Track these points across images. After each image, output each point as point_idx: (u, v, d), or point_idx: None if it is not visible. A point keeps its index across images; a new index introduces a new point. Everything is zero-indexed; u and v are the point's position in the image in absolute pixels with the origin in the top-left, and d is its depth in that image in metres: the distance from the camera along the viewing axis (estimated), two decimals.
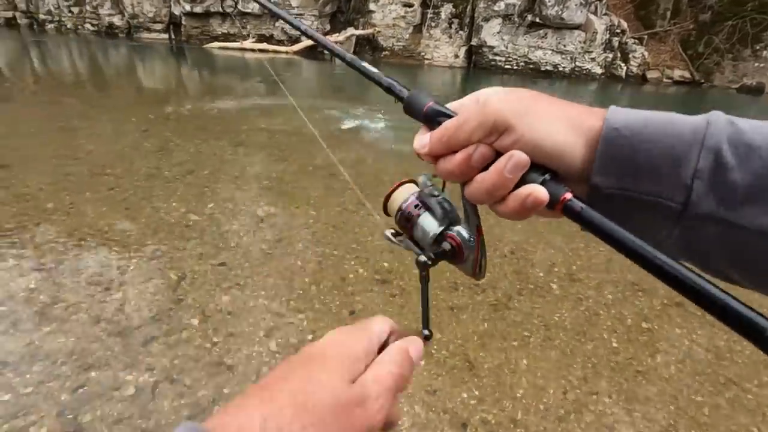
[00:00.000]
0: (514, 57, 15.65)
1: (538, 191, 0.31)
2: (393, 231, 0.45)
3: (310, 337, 1.98)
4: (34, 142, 4.41)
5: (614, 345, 2.08)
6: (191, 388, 1.66)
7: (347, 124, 6.08)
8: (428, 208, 0.42)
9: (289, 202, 3.36)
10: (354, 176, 4.02)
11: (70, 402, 1.54)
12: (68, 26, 21.60)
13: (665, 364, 1.99)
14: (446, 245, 0.41)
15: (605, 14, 14.54)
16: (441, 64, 16.96)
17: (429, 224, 0.41)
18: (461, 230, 0.41)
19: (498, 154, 0.33)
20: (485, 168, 0.33)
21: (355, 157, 4.59)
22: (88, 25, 21.26)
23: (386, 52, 17.99)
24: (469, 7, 15.99)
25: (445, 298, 2.33)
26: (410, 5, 16.76)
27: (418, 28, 17.28)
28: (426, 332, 0.41)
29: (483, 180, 0.33)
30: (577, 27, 14.38)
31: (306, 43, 18.22)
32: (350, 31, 17.94)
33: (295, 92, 9.05)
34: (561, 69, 15.21)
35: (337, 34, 17.97)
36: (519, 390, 1.79)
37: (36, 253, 2.41)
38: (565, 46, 14.88)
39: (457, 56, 16.77)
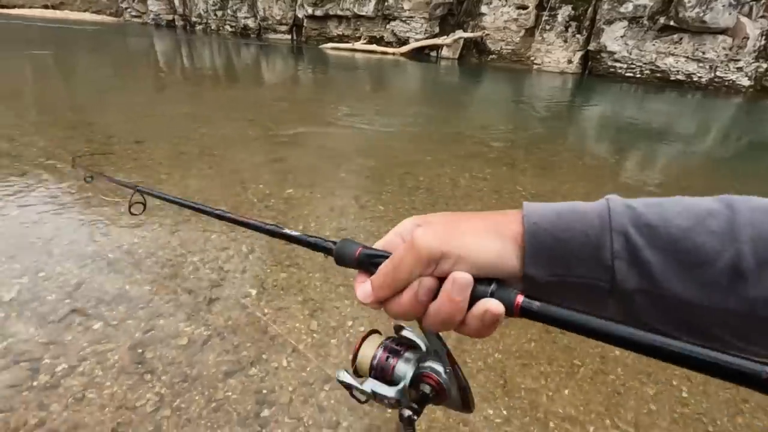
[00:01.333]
0: (639, 64, 14.10)
1: (491, 305, 0.32)
2: (346, 369, 0.42)
3: (350, 323, 2.05)
4: (164, 123, 5.20)
5: (683, 395, 1.80)
6: (237, 347, 1.84)
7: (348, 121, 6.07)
8: (399, 355, 0.40)
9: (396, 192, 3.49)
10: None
11: (140, 339, 1.82)
12: (212, 27, 24.82)
13: (746, 427, 1.66)
14: (425, 387, 0.38)
15: (762, 17, 12.32)
16: (552, 69, 15.98)
17: (401, 369, 0.40)
18: (433, 365, 0.39)
19: (441, 280, 0.34)
20: (434, 297, 0.35)
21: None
22: (227, 27, 24.22)
23: (493, 56, 17.49)
24: (590, 9, 14.78)
25: None
26: (524, 7, 16.04)
27: (530, 31, 16.48)
28: None
29: (437, 310, 0.34)
30: (723, 31, 12.43)
31: (412, 45, 18.51)
32: (458, 33, 17.80)
33: (389, 90, 9.27)
34: (696, 79, 13.31)
35: (445, 37, 17.97)
36: (553, 420, 1.64)
37: (142, 216, 2.86)
38: (704, 53, 12.98)
39: (570, 62, 15.64)
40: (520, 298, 0.32)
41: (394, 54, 18.35)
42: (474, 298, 0.33)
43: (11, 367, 1.62)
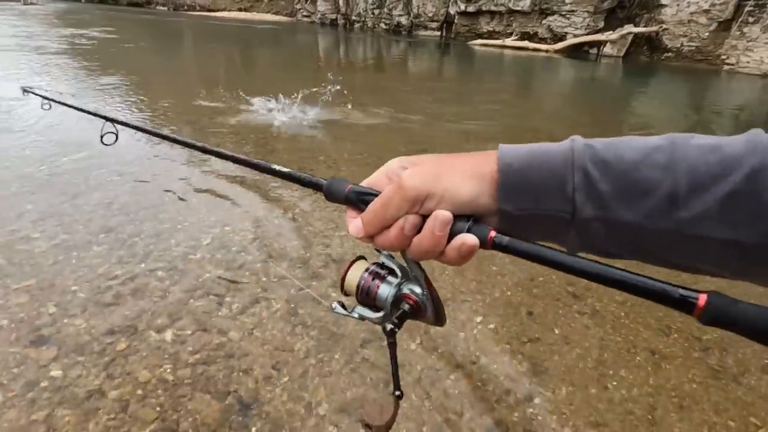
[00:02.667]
0: None
1: (467, 239, 0.37)
2: (340, 302, 0.47)
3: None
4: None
5: None
6: None
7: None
8: (382, 278, 0.45)
9: None
10: None
11: (294, 297, 2.09)
12: (369, 25, 26.52)
13: None
14: (405, 306, 0.43)
15: None
16: (751, 71, 13.15)
17: (384, 291, 0.44)
18: (413, 287, 0.44)
19: (424, 217, 0.38)
20: (418, 231, 0.39)
21: None
22: (382, 24, 25.62)
23: (669, 54, 15.10)
24: None
25: (649, 339, 1.97)
26: None
27: (724, 25, 13.76)
28: (398, 393, 0.45)
29: (420, 243, 0.38)
30: None
31: (570, 41, 17.09)
32: (627, 28, 15.80)
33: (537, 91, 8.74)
34: None
35: (611, 32, 16.14)
36: None
37: (299, 194, 3.26)
38: None
39: None
40: (492, 233, 0.37)
41: (547, 51, 17.20)
42: (453, 233, 0.38)
43: (205, 298, 2.03)
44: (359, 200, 0.42)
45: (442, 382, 1.66)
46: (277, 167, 0.51)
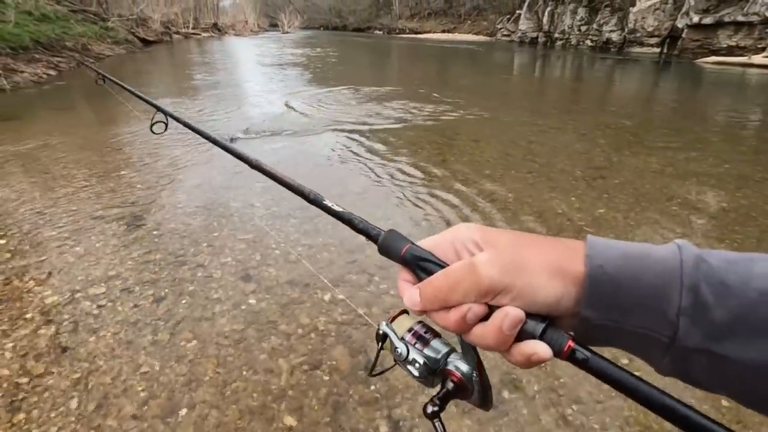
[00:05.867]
0: None
1: (539, 349, 0.33)
2: (390, 326, 0.42)
3: None
4: (496, 128, 5.84)
5: None
6: None
7: None
8: (425, 342, 0.40)
9: None
10: None
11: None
12: (572, 43, 24.91)
13: None
14: (449, 384, 0.39)
15: None
16: None
17: (431, 354, 0.39)
18: (460, 365, 0.39)
19: (491, 307, 0.34)
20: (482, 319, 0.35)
21: None
22: (588, 42, 23.73)
23: None
24: None
25: None
26: None
27: None
28: None
29: (482, 335, 0.35)
30: None
31: None
32: None
33: None
34: None
35: None
36: None
37: (452, 189, 3.43)
38: None
39: None
40: (570, 344, 0.32)
41: None
42: (523, 333, 0.33)
43: (361, 274, 2.40)
44: (417, 265, 0.38)
45: None
46: (328, 204, 0.46)
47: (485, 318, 0.34)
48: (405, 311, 0.42)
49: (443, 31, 41.59)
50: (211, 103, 7.20)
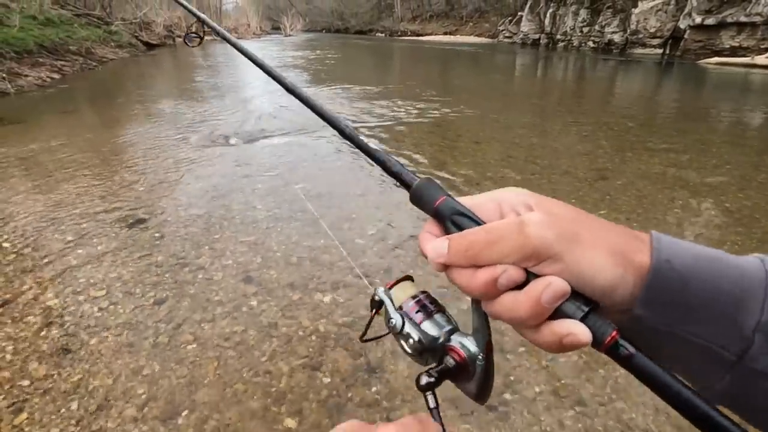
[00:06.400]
0: None
1: (578, 331, 0.28)
2: (387, 293, 0.37)
3: None
4: (498, 130, 5.84)
5: None
6: None
7: None
8: (429, 314, 0.35)
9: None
10: None
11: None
12: (574, 44, 24.90)
13: None
14: (449, 360, 0.34)
15: None
16: None
17: (431, 329, 0.35)
18: (466, 342, 0.34)
19: (529, 275, 0.29)
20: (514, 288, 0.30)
21: None
22: (590, 43, 23.73)
23: None
24: None
25: None
26: None
27: None
28: None
29: (512, 305, 0.29)
30: None
31: None
32: None
33: None
34: None
35: None
36: None
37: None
38: None
39: None
40: (614, 335, 0.28)
41: None
42: (559, 312, 0.28)
43: (361, 277, 2.40)
44: (451, 220, 0.33)
45: None
46: (364, 141, 0.43)
47: (518, 287, 0.29)
48: (408, 277, 0.38)
49: (445, 33, 41.65)
50: (211, 104, 7.22)
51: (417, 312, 0.35)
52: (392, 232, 2.89)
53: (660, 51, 20.00)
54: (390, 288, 0.37)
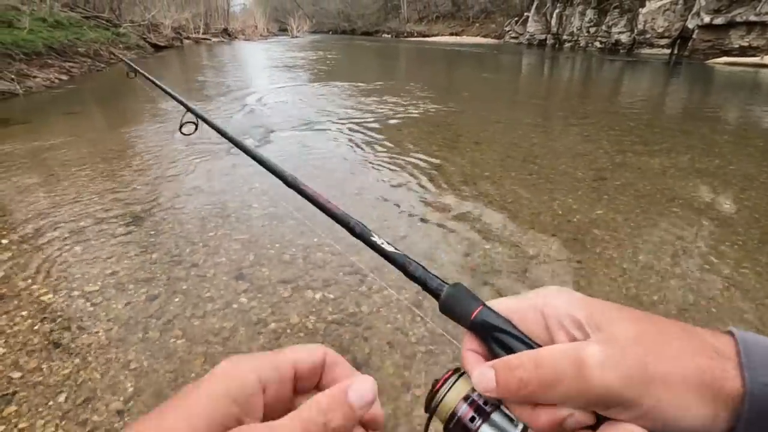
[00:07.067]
0: None
1: None
2: None
3: None
4: (498, 130, 5.82)
5: None
6: None
7: None
8: (485, 416, 0.30)
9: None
10: None
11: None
12: (581, 45, 24.74)
13: None
14: None
15: None
16: None
17: None
18: None
19: (599, 416, 0.26)
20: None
21: None
22: (596, 43, 23.57)
23: None
24: None
25: None
26: None
27: None
28: None
29: None
30: None
31: None
32: None
33: None
34: None
35: None
36: None
37: (456, 195, 3.42)
38: None
39: None
40: None
41: None
42: None
43: (353, 275, 2.41)
44: (492, 337, 0.30)
45: None
46: (377, 241, 0.39)
47: (592, 427, 0.26)
48: (459, 370, 0.32)
49: (451, 34, 41.62)
50: (215, 104, 7.28)
51: (472, 420, 0.30)
52: (388, 233, 2.89)
53: (668, 51, 19.81)
54: (439, 387, 0.32)
